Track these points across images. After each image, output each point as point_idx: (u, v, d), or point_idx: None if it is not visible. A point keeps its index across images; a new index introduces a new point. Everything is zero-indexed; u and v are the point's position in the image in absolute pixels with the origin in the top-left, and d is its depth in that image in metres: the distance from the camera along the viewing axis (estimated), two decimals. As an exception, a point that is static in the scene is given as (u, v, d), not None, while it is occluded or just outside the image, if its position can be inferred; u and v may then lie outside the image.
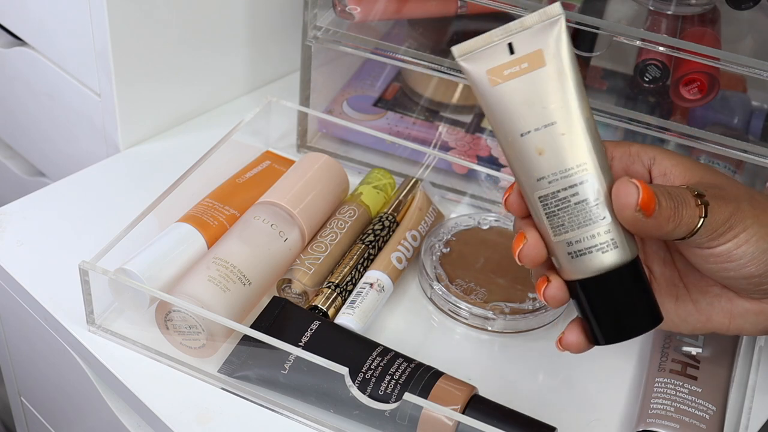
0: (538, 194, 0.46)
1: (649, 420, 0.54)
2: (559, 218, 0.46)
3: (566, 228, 0.46)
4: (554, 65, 0.44)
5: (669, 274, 0.52)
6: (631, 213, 0.45)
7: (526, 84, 0.44)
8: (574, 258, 0.46)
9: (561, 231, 0.46)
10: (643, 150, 0.50)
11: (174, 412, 0.55)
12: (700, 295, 0.52)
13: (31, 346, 0.70)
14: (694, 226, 0.46)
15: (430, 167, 0.72)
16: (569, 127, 0.44)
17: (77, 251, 0.62)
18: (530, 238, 0.47)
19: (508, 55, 0.44)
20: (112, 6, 0.66)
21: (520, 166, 0.46)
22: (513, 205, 0.48)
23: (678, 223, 0.46)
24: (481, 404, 0.53)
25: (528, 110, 0.44)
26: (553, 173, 0.45)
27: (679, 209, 0.46)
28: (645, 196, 0.45)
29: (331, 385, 0.53)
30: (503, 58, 0.44)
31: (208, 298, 0.56)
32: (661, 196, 0.46)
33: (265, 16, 0.80)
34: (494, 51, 0.44)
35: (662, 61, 0.62)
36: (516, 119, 0.45)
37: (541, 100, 0.44)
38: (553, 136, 0.44)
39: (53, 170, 0.89)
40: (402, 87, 0.79)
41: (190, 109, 0.79)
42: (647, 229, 0.46)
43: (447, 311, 0.63)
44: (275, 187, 0.65)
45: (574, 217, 0.45)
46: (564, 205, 0.45)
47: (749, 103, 0.70)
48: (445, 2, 0.69)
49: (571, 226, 0.45)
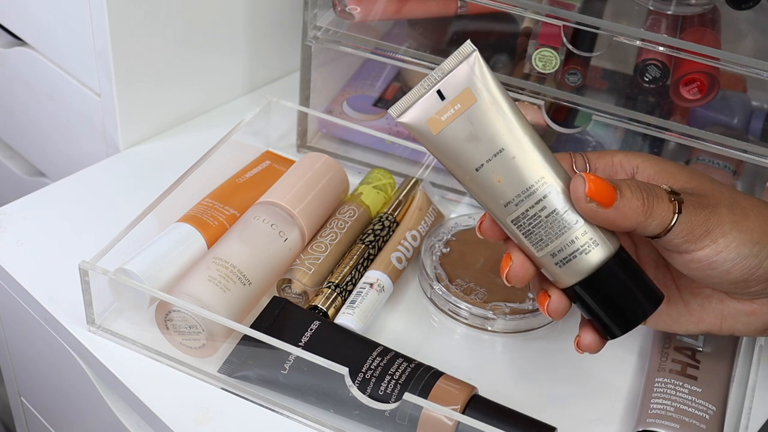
0: (510, 218, 0.47)
1: (649, 420, 0.54)
2: (536, 235, 0.47)
3: (545, 241, 0.47)
4: (485, 97, 0.46)
5: (661, 276, 0.53)
6: (584, 205, 0.46)
7: (465, 122, 0.46)
8: (563, 266, 0.47)
9: (542, 246, 0.47)
10: (626, 159, 0.51)
11: (174, 412, 0.55)
12: (692, 297, 0.52)
13: (31, 346, 0.70)
14: (669, 221, 0.47)
15: (430, 167, 0.72)
16: (518, 148, 0.46)
17: (77, 251, 0.62)
18: (515, 258, 0.48)
19: (440, 101, 0.46)
20: (112, 6, 0.66)
21: (485, 198, 0.47)
22: (488, 231, 0.49)
23: (649, 215, 0.46)
24: (481, 404, 0.53)
25: (475, 146, 0.46)
26: (516, 195, 0.46)
27: (651, 201, 0.46)
28: (592, 185, 0.45)
29: (331, 385, 0.53)
30: (437, 105, 0.46)
31: (208, 298, 0.56)
32: (625, 187, 0.46)
33: (265, 16, 0.80)
34: (427, 102, 0.46)
35: (662, 61, 0.62)
36: (467, 157, 0.46)
37: (484, 132, 0.46)
38: (506, 162, 0.46)
39: (53, 170, 0.89)
40: (402, 87, 0.79)
41: (190, 109, 0.79)
42: (616, 221, 0.46)
43: (447, 311, 0.63)
44: (275, 187, 0.65)
45: (549, 230, 0.47)
46: (537, 222, 0.47)
47: (749, 103, 0.70)
48: (445, 2, 0.69)
49: (549, 238, 0.47)
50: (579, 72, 0.65)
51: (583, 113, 0.69)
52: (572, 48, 0.64)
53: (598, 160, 0.51)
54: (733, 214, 0.48)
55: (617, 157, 0.51)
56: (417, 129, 0.46)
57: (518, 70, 0.68)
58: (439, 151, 0.47)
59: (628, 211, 0.46)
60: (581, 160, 0.51)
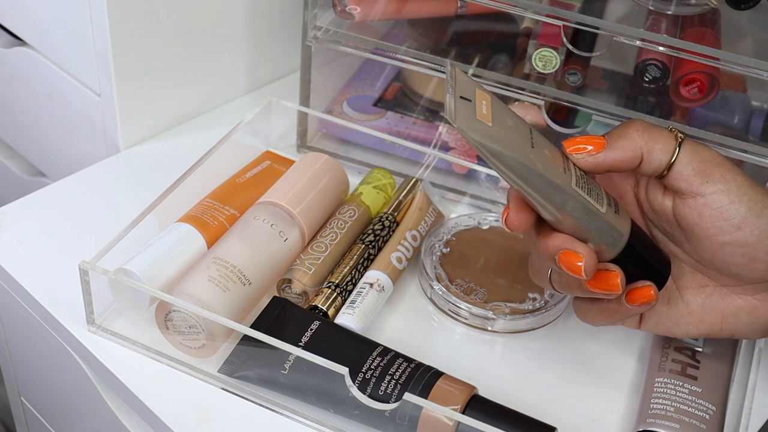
0: (573, 183, 0.48)
1: (649, 420, 0.54)
2: (593, 192, 0.49)
3: (600, 195, 0.49)
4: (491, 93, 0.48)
5: None
6: (576, 158, 0.48)
7: (498, 113, 0.48)
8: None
9: (601, 201, 0.49)
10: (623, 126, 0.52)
11: (174, 412, 0.55)
12: (692, 297, 0.52)
13: (31, 346, 0.70)
14: (673, 148, 0.48)
15: (430, 167, 0.72)
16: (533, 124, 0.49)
17: (77, 251, 0.62)
18: (584, 252, 0.48)
19: (470, 102, 0.47)
20: (112, 6, 0.66)
21: (550, 172, 0.47)
22: (515, 222, 0.49)
23: (650, 137, 0.48)
24: (481, 404, 0.53)
25: (515, 130, 0.48)
26: (562, 162, 0.48)
27: (648, 132, 0.48)
28: (571, 143, 0.48)
29: (331, 385, 0.53)
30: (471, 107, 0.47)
31: (208, 298, 0.56)
32: (615, 129, 0.49)
33: (265, 16, 0.80)
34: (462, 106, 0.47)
35: (662, 61, 0.62)
36: (520, 139, 0.47)
37: (511, 118, 0.48)
38: (538, 136, 0.49)
39: (53, 170, 0.89)
40: (402, 87, 0.79)
41: (190, 109, 0.79)
42: (615, 154, 0.48)
43: (447, 311, 0.63)
44: (275, 187, 0.65)
45: (593, 185, 0.49)
46: (585, 179, 0.49)
47: (749, 103, 0.70)
48: (445, 2, 0.69)
49: (597, 191, 0.49)
50: (579, 72, 0.65)
51: (583, 113, 0.69)
52: (572, 48, 0.64)
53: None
54: (747, 179, 0.49)
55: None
56: (475, 127, 0.46)
57: (518, 70, 0.68)
58: (502, 140, 0.47)
59: (624, 143, 0.48)
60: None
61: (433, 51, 0.69)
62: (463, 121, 0.45)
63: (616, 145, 0.49)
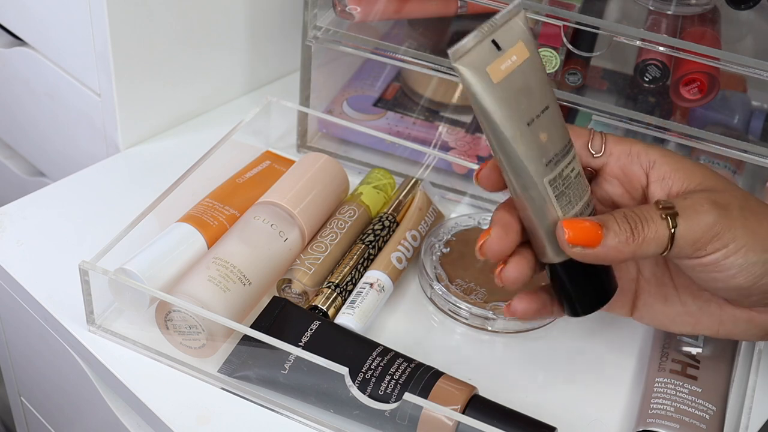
0: (548, 178, 0.47)
1: (649, 420, 0.54)
2: (566, 196, 0.48)
3: (573, 203, 0.48)
4: (535, 54, 0.46)
5: (660, 274, 0.52)
6: (570, 250, 0.47)
7: (520, 75, 0.45)
8: None
9: (569, 208, 0.48)
10: (644, 151, 0.50)
11: (174, 412, 0.55)
12: (690, 299, 0.52)
13: (31, 346, 0.70)
14: (665, 239, 0.46)
15: (430, 167, 0.72)
16: (556, 107, 0.47)
17: (77, 251, 0.62)
18: (494, 232, 0.49)
19: (497, 51, 0.45)
20: (112, 6, 0.66)
21: (529, 155, 0.46)
22: (485, 178, 0.49)
23: (642, 241, 0.46)
24: (481, 404, 0.53)
25: (528, 100, 0.46)
26: (555, 154, 0.47)
27: (639, 229, 0.46)
28: (571, 233, 0.46)
29: (331, 385, 0.53)
30: (494, 55, 0.45)
31: (208, 298, 0.56)
32: (611, 222, 0.47)
33: (265, 16, 0.80)
34: (483, 50, 0.45)
35: (662, 61, 0.62)
36: (520, 110, 0.46)
37: (535, 87, 0.46)
38: (550, 118, 0.47)
39: (53, 170, 0.89)
40: (402, 87, 0.79)
41: (190, 109, 0.79)
42: (608, 257, 0.47)
43: (447, 311, 0.63)
44: (275, 187, 0.65)
45: (575, 191, 0.48)
46: (568, 182, 0.48)
47: (749, 103, 0.70)
48: (445, 2, 0.69)
49: (576, 199, 0.48)
50: (579, 72, 0.65)
51: (583, 113, 0.69)
52: (572, 48, 0.64)
53: (615, 145, 0.51)
54: (744, 218, 0.47)
55: (635, 147, 0.51)
56: (477, 76, 0.44)
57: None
58: (496, 102, 0.45)
59: (617, 245, 0.46)
60: (599, 141, 0.51)
61: (433, 51, 0.69)
62: (465, 62, 0.44)
63: (610, 246, 0.47)
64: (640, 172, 0.50)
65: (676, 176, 0.49)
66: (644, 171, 0.50)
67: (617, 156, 0.51)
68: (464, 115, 0.76)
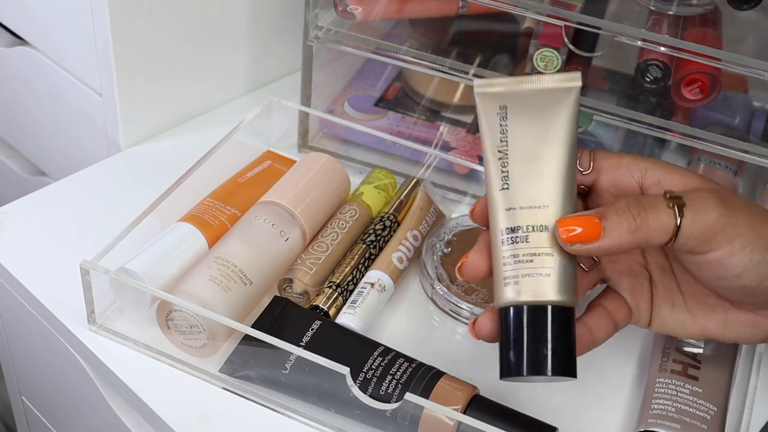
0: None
1: (650, 420, 0.54)
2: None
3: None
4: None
5: (667, 281, 0.52)
6: (570, 249, 0.46)
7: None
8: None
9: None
10: (634, 162, 0.50)
11: (175, 412, 0.55)
12: (696, 305, 0.52)
13: (32, 345, 0.70)
14: (672, 228, 0.46)
15: (431, 167, 0.72)
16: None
17: (78, 250, 0.62)
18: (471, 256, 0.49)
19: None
20: (114, 5, 0.66)
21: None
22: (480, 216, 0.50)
23: (645, 230, 0.46)
24: (482, 404, 0.53)
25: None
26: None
27: (643, 216, 0.46)
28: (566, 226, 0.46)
29: (333, 385, 0.53)
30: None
31: (210, 297, 0.56)
32: (611, 212, 0.46)
33: (266, 16, 0.80)
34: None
35: (663, 61, 0.62)
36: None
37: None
38: None
39: (54, 170, 0.89)
40: (403, 87, 0.79)
41: (191, 108, 0.79)
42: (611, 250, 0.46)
43: (448, 311, 0.63)
44: (276, 186, 0.65)
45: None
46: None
47: (750, 103, 0.70)
48: (446, 2, 0.69)
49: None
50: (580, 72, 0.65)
51: (584, 113, 0.69)
52: (574, 48, 0.64)
53: (604, 160, 0.50)
54: (749, 216, 0.47)
55: (625, 159, 0.50)
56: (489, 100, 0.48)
57: (519, 71, 0.68)
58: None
59: (620, 236, 0.46)
60: (586, 159, 0.50)
61: (434, 51, 0.69)
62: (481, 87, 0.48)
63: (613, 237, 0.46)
64: (632, 182, 0.50)
65: (670, 178, 0.49)
66: (636, 181, 0.50)
67: (606, 170, 0.50)
68: (465, 115, 0.76)
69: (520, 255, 0.47)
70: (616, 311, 0.52)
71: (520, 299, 0.46)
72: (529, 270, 0.46)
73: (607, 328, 0.51)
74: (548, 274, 0.46)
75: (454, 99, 0.77)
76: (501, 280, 0.47)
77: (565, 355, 0.47)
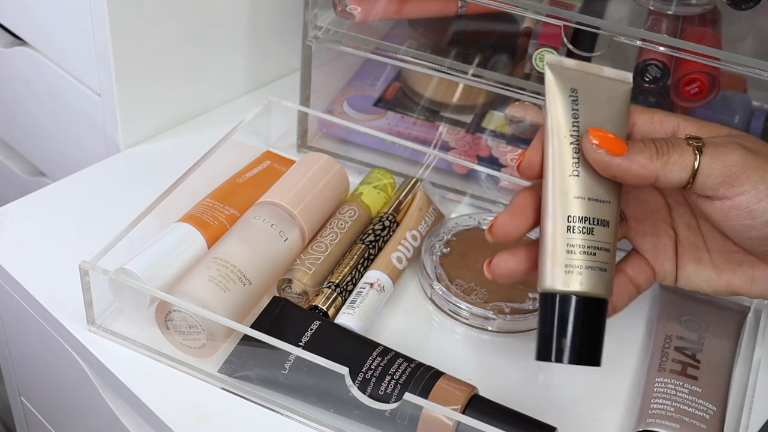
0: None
1: (649, 420, 0.54)
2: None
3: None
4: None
5: (693, 238, 0.53)
6: (594, 154, 0.47)
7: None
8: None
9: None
10: (666, 118, 0.51)
11: (174, 412, 0.55)
12: (723, 261, 0.52)
13: (31, 345, 0.70)
14: (691, 164, 0.47)
15: (431, 167, 0.72)
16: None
17: (77, 251, 0.62)
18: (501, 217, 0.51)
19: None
20: (113, 5, 0.66)
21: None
22: (527, 169, 0.50)
23: (666, 161, 0.47)
24: (482, 404, 0.53)
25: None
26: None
27: (665, 149, 0.47)
28: (600, 135, 0.47)
29: (332, 385, 0.53)
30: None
31: (209, 297, 0.56)
32: (636, 141, 0.47)
33: (265, 16, 0.80)
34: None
35: (663, 61, 0.62)
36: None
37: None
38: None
39: (54, 170, 0.89)
40: (402, 87, 0.79)
41: (190, 108, 0.79)
42: (630, 171, 0.47)
43: (447, 311, 0.63)
44: (275, 187, 0.65)
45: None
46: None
47: (750, 103, 0.70)
48: (445, 2, 0.69)
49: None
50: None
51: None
52: (573, 48, 0.64)
53: (638, 115, 0.51)
54: None
55: (657, 116, 0.51)
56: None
57: (519, 70, 0.68)
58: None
59: (641, 159, 0.47)
60: None
61: (433, 51, 0.69)
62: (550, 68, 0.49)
63: (635, 159, 0.47)
64: (665, 136, 0.50)
65: (702, 132, 0.50)
66: (669, 135, 0.50)
67: (640, 125, 0.51)
68: (464, 115, 0.76)
69: (586, 246, 0.48)
70: (638, 275, 0.53)
71: (581, 290, 0.48)
72: (591, 263, 0.48)
73: (629, 293, 0.53)
74: (605, 269, 0.48)
75: (454, 99, 0.77)
76: (561, 266, 0.48)
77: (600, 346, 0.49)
